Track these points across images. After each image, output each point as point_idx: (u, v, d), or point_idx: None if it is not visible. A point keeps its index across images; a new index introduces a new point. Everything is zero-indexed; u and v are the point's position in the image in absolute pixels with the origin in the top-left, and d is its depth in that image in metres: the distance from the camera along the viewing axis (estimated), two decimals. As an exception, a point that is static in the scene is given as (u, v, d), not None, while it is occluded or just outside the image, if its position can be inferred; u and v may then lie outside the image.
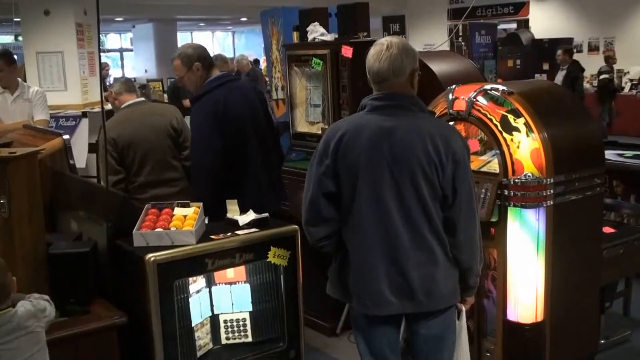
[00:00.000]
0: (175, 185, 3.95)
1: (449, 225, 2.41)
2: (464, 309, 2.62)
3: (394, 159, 2.35)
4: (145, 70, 20.29)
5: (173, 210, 3.05)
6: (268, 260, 2.94)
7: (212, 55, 3.82)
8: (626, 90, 13.33)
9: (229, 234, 2.91)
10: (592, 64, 15.01)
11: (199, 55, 3.60)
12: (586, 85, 13.74)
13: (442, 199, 2.38)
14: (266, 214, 3.06)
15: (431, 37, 11.07)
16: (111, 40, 25.27)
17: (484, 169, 3.25)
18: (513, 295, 3.16)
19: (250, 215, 3.03)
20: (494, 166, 3.19)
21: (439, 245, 2.40)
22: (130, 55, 24.24)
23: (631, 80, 13.46)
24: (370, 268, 2.41)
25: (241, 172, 3.54)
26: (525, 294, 3.13)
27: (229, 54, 24.56)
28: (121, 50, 25.69)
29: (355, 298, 2.48)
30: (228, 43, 29.74)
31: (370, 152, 2.38)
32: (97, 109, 7.30)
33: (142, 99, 4.23)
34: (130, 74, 22.22)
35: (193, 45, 3.75)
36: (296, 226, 2.97)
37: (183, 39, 25.51)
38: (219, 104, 3.47)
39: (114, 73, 21.05)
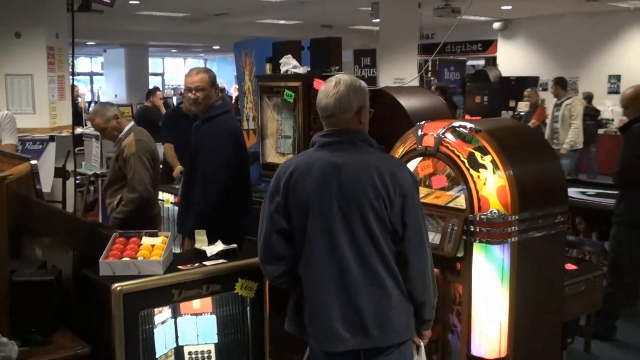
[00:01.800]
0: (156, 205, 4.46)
1: (401, 260, 2.43)
2: (422, 344, 2.62)
3: (343, 195, 2.39)
4: (115, 95, 20.19)
5: (141, 239, 3.03)
6: (235, 291, 2.94)
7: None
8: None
9: (196, 264, 2.90)
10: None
11: (215, 77, 3.99)
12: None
13: (392, 233, 2.41)
14: (234, 245, 3.06)
15: (402, 71, 11.22)
16: (82, 63, 25.12)
17: (451, 205, 3.30)
18: (478, 330, 3.19)
19: (219, 246, 3.03)
20: (461, 202, 3.24)
21: (392, 280, 2.41)
22: (101, 79, 24.12)
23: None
24: (323, 304, 2.42)
25: (245, 193, 4.03)
26: (490, 329, 3.16)
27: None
28: (91, 74, 25.56)
29: (310, 334, 2.49)
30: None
31: (320, 188, 2.41)
32: (66, 133, 7.24)
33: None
34: (100, 98, 22.09)
35: (209, 69, 4.10)
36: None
37: (154, 64, 25.54)
38: (237, 128, 3.99)
39: (85, 96, 20.92)
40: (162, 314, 2.93)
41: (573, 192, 5.63)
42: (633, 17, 14.10)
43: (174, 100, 19.16)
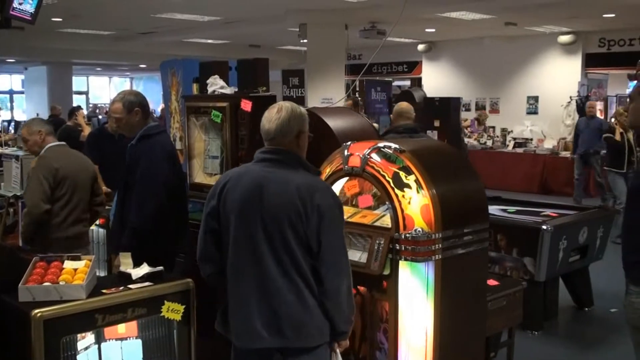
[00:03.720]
0: (86, 226, 4.49)
1: (317, 274, 2.62)
2: (337, 350, 2.76)
3: (266, 207, 2.61)
4: (37, 114, 19.54)
5: (63, 263, 2.95)
6: (161, 314, 2.89)
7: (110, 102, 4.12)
8: (509, 147, 14.14)
9: (121, 288, 2.85)
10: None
11: (140, 102, 3.93)
12: (473, 141, 14.51)
13: (308, 249, 2.60)
14: (160, 267, 3.02)
15: (330, 91, 11.36)
16: (1, 81, 24.28)
17: (377, 224, 3.36)
18: (404, 346, 3.24)
19: (144, 269, 2.98)
20: (387, 221, 3.31)
21: (307, 289, 2.61)
22: (21, 98, 23.36)
23: (514, 139, 14.30)
24: (245, 304, 2.63)
25: (181, 212, 4.08)
26: (416, 345, 3.22)
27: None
28: (11, 92, 24.72)
29: (232, 332, 2.69)
30: (126, 89, 29.25)
31: (246, 198, 2.65)
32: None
33: (63, 142, 4.63)
34: (20, 116, 21.37)
35: (134, 92, 4.08)
36: (190, 280, 2.95)
37: (78, 83, 24.95)
38: (174, 148, 3.97)
39: (3, 115, 20.20)
40: (86, 340, 2.86)
41: (494, 209, 5.83)
42: (549, 41, 14.75)
43: (98, 119, 18.69)
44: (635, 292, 3.04)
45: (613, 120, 10.30)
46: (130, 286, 2.87)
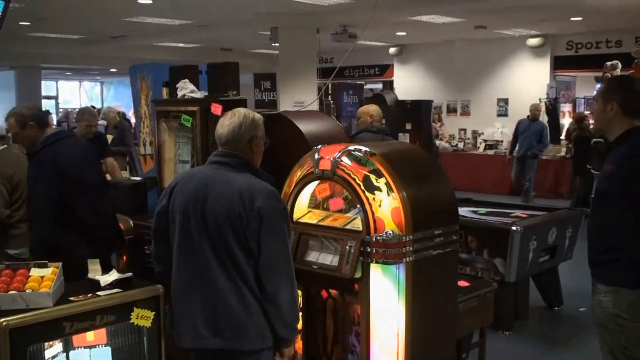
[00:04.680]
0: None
1: (258, 277, 2.66)
2: (278, 358, 2.81)
3: (209, 208, 2.66)
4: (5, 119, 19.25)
5: (29, 271, 2.90)
6: (131, 321, 2.86)
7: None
8: (481, 149, 14.27)
9: (89, 295, 2.81)
10: (451, 125, 16.07)
11: (33, 115, 3.91)
12: (445, 144, 14.63)
13: (249, 251, 2.64)
14: (130, 274, 2.99)
15: (302, 94, 11.35)
16: (-33, 86, 23.85)
17: (348, 227, 3.36)
18: (376, 348, 3.25)
19: (113, 275, 2.95)
20: (358, 224, 3.31)
21: (250, 292, 2.65)
22: (-12, 103, 22.95)
23: (485, 141, 14.44)
24: (187, 303, 2.68)
25: (75, 217, 3.72)
26: (387, 348, 3.23)
27: (97, 105, 23.95)
28: (-22, 97, 24.27)
29: (175, 331, 2.74)
30: (96, 93, 28.94)
31: (191, 199, 2.71)
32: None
33: (5, 145, 4.61)
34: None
35: (29, 106, 4.06)
36: (160, 286, 2.92)
37: (48, 88, 24.62)
38: (57, 157, 3.75)
39: (-31, 121, 19.83)
40: (53, 348, 2.82)
41: (465, 211, 5.88)
42: (518, 44, 14.94)
43: (68, 124, 18.47)
44: (603, 291, 3.09)
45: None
46: (98, 293, 2.84)
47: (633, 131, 3.10)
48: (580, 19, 12.30)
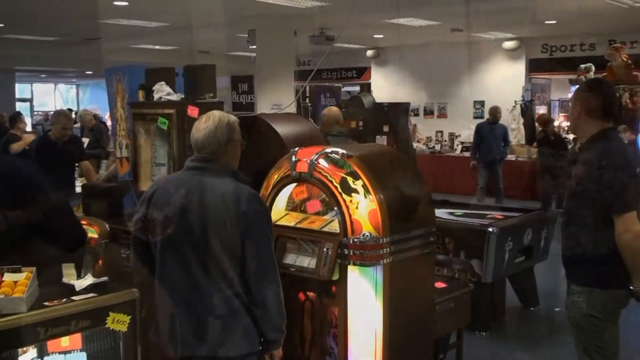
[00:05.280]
0: None
1: (247, 282, 2.65)
2: None
3: (192, 215, 2.64)
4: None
5: (2, 276, 2.86)
6: (107, 326, 2.83)
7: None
8: (457, 151, 14.37)
9: (64, 299, 2.78)
10: (428, 127, 16.16)
11: None
12: (422, 146, 14.71)
13: (235, 256, 2.63)
14: (105, 278, 2.96)
15: (279, 97, 11.33)
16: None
17: (326, 229, 3.37)
18: (354, 350, 3.25)
19: (88, 280, 2.92)
20: (335, 226, 3.31)
21: (236, 297, 2.63)
22: (-39, 106, 22.61)
23: (462, 143, 14.53)
24: (173, 312, 2.66)
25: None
26: (365, 349, 3.24)
27: (73, 108, 23.68)
28: (-51, 100, 23.92)
29: (161, 339, 2.73)
30: (72, 96, 28.66)
31: (173, 207, 2.67)
32: None
33: None
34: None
35: None
36: (136, 290, 2.90)
37: (22, 90, 24.32)
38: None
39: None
40: (28, 354, 2.77)
41: (442, 213, 5.90)
42: (494, 47, 15.08)
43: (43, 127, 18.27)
44: (577, 292, 3.13)
45: None
46: (73, 298, 2.80)
47: (602, 133, 3.14)
48: (554, 22, 12.44)
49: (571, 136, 11.05)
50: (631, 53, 12.28)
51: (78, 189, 6.12)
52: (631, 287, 3.04)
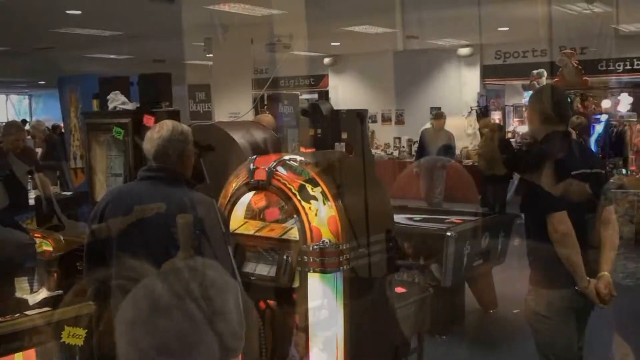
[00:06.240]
0: None
1: (203, 290, 2.56)
2: None
3: (147, 225, 2.65)
4: None
5: (-49, 291, 2.77)
6: (62, 340, 2.76)
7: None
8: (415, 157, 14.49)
9: (17, 315, 2.70)
10: (385, 133, 16.28)
11: None
12: (380, 152, 14.81)
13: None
14: (60, 291, 2.90)
15: (237, 105, 11.26)
16: None
17: (285, 237, 3.36)
18: (315, 357, 3.24)
19: (42, 294, 2.85)
20: (295, 233, 3.31)
21: (196, 307, 2.52)
22: None
23: (420, 149, 14.66)
24: (132, 326, 2.55)
25: None
26: (326, 355, 3.23)
27: (27, 119, 23.16)
28: None
29: (122, 355, 2.61)
30: (25, 107, 28.05)
31: (127, 217, 2.67)
32: None
33: None
34: None
35: None
36: (92, 303, 2.84)
37: (-29, 101, 23.70)
38: None
39: None
40: (-22, 373, 2.69)
41: (401, 218, 5.94)
42: (449, 54, 15.28)
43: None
44: (529, 291, 3.20)
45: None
46: (26, 312, 2.73)
47: (551, 136, 3.21)
48: (507, 29, 12.67)
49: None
50: (582, 59, 12.62)
51: (32, 202, 5.98)
52: (576, 288, 3.08)
